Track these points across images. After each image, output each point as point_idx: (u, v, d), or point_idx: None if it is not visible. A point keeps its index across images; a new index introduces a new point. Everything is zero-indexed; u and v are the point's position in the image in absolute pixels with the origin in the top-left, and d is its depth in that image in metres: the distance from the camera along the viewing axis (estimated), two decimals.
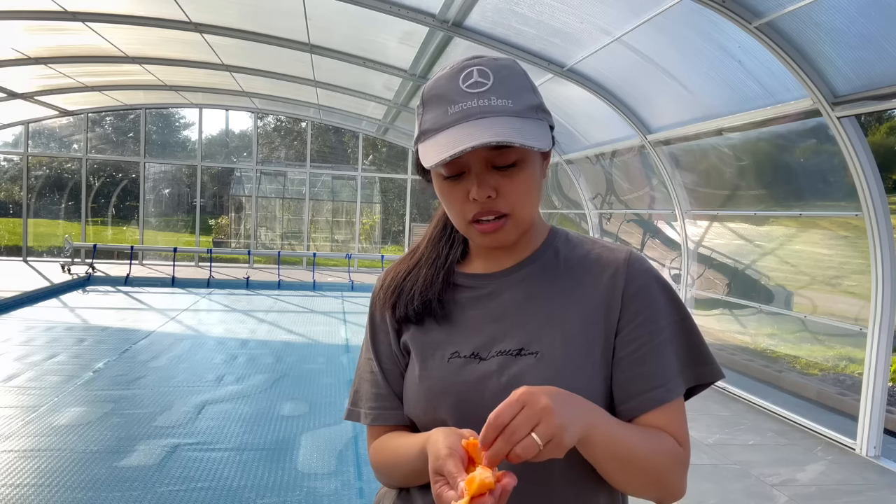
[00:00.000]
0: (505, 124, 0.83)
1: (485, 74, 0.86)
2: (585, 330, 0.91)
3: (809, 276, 5.45)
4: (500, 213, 0.88)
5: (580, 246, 0.99)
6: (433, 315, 0.97)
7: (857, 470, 4.10)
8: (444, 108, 0.86)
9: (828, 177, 4.95)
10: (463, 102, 0.85)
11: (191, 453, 4.07)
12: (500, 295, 0.96)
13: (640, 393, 0.89)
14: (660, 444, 0.86)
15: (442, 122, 0.86)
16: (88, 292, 10.80)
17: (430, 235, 1.06)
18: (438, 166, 0.84)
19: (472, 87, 0.85)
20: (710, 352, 0.94)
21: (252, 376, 5.97)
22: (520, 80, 0.89)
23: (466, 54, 0.99)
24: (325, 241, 16.24)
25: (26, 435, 4.26)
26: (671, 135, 6.27)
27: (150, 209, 15.00)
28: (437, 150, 0.84)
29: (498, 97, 0.85)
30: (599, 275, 0.94)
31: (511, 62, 0.90)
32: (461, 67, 0.88)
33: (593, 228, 9.15)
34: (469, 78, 0.86)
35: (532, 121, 0.87)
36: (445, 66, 0.91)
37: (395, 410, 1.00)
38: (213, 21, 7.80)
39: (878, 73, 3.89)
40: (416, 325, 0.99)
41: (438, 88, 0.88)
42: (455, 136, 0.83)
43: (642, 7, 4.72)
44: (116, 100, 13.12)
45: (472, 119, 0.84)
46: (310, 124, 15.13)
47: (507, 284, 0.96)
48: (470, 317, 0.96)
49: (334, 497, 3.63)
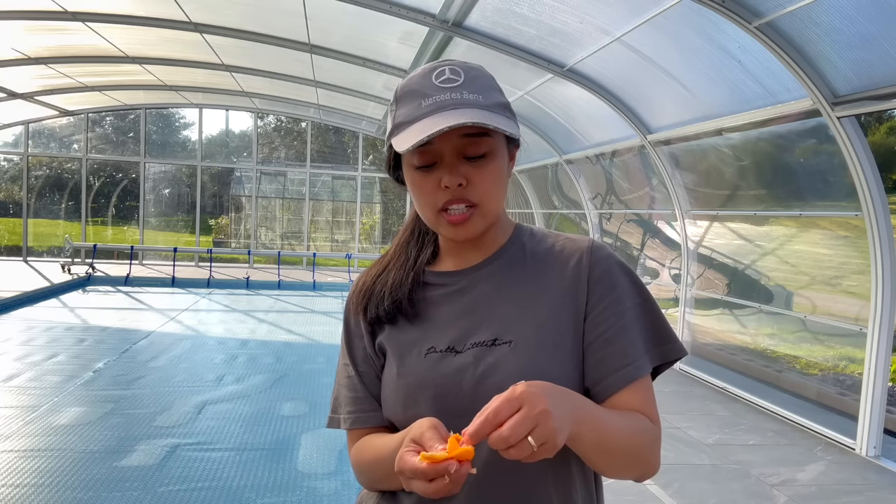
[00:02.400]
0: (477, 113, 0.87)
1: (456, 73, 0.91)
2: (556, 317, 0.94)
3: (809, 276, 5.45)
4: (470, 201, 0.91)
5: (545, 240, 1.03)
6: (405, 314, 1.00)
7: (857, 470, 4.10)
8: (418, 102, 0.90)
9: (828, 177, 4.95)
10: (436, 96, 0.89)
11: (191, 453, 4.07)
12: (472, 290, 0.99)
13: (611, 372, 0.92)
14: (638, 426, 0.90)
15: (416, 114, 0.89)
16: (88, 292, 10.81)
17: (399, 241, 1.10)
18: (414, 149, 0.87)
19: (444, 82, 0.90)
20: (672, 330, 0.99)
21: (252, 376, 5.97)
22: (489, 81, 0.94)
23: (466, 55, 1.03)
24: (325, 241, 16.24)
25: (26, 435, 4.26)
26: (671, 135, 6.27)
27: (150, 209, 15.01)
28: (412, 136, 0.87)
29: (469, 92, 0.90)
30: (565, 263, 0.98)
31: (480, 66, 0.96)
32: (433, 66, 0.93)
33: (593, 228, 9.15)
34: (442, 75, 0.91)
35: (501, 116, 0.91)
36: (417, 69, 0.96)
37: (373, 413, 1.02)
38: (213, 21, 7.80)
39: (878, 73, 3.89)
40: (390, 325, 1.01)
41: (412, 85, 0.93)
42: (429, 124, 0.86)
43: (642, 7, 4.72)
44: (116, 100, 13.12)
45: (446, 109, 0.88)
46: (310, 124, 15.13)
47: (478, 279, 1.00)
48: (443, 312, 0.99)
49: (334, 497, 3.63)
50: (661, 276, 7.85)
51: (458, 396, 0.92)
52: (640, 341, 0.94)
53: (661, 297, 7.81)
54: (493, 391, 0.88)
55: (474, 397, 0.90)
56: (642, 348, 0.94)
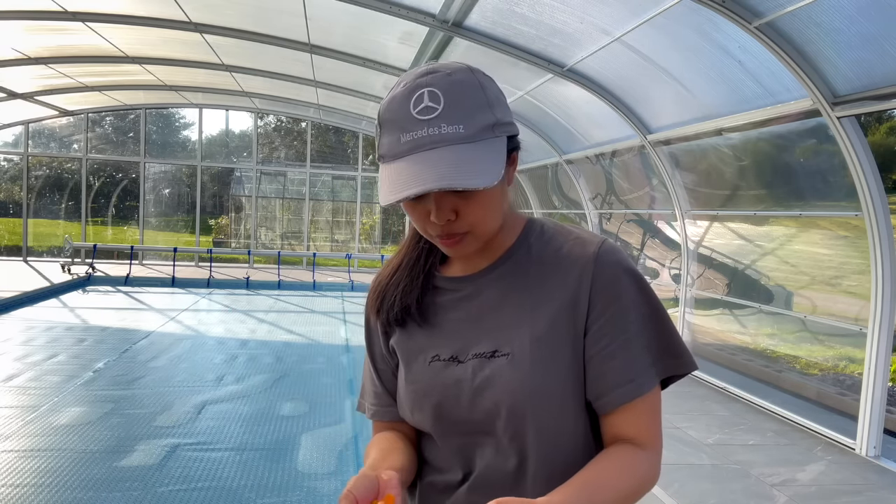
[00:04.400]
0: (453, 159, 0.82)
1: (436, 98, 0.83)
2: (555, 329, 0.92)
3: (809, 276, 5.45)
4: (461, 233, 0.90)
5: (554, 239, 0.98)
6: (414, 319, 1.00)
7: (857, 470, 4.10)
8: (397, 136, 0.85)
9: (828, 177, 4.95)
10: (414, 131, 0.83)
11: (191, 453, 4.07)
12: (478, 296, 0.98)
13: (611, 388, 0.90)
14: (632, 475, 0.87)
15: (396, 150, 0.85)
16: (88, 292, 10.80)
17: (411, 233, 1.08)
18: (389, 206, 0.86)
19: (422, 112, 0.83)
20: (682, 342, 0.95)
21: (252, 376, 5.97)
22: (474, 96, 0.85)
23: (466, 55, 1.00)
24: (325, 241, 16.24)
25: (26, 435, 4.26)
26: (671, 135, 6.27)
27: (150, 209, 15.00)
28: (389, 186, 0.85)
29: (449, 123, 0.83)
30: (569, 271, 0.94)
31: (465, 75, 0.87)
32: (413, 87, 0.85)
33: (593, 229, 9.15)
34: (420, 102, 0.83)
35: (486, 143, 0.84)
36: (399, 83, 0.88)
37: (391, 408, 1.04)
38: (213, 21, 7.80)
39: (878, 73, 3.89)
40: (400, 328, 1.02)
41: (392, 112, 0.86)
42: (405, 173, 0.83)
43: (642, 7, 4.72)
44: (116, 100, 13.12)
45: (422, 150, 0.83)
46: (310, 124, 15.13)
47: (484, 285, 0.98)
48: (450, 319, 0.99)
49: (334, 497, 3.63)
50: (661, 276, 7.85)
51: (457, 407, 0.93)
52: (644, 356, 0.91)
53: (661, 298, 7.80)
54: (488, 404, 0.90)
55: (471, 409, 0.91)
56: (646, 362, 0.91)
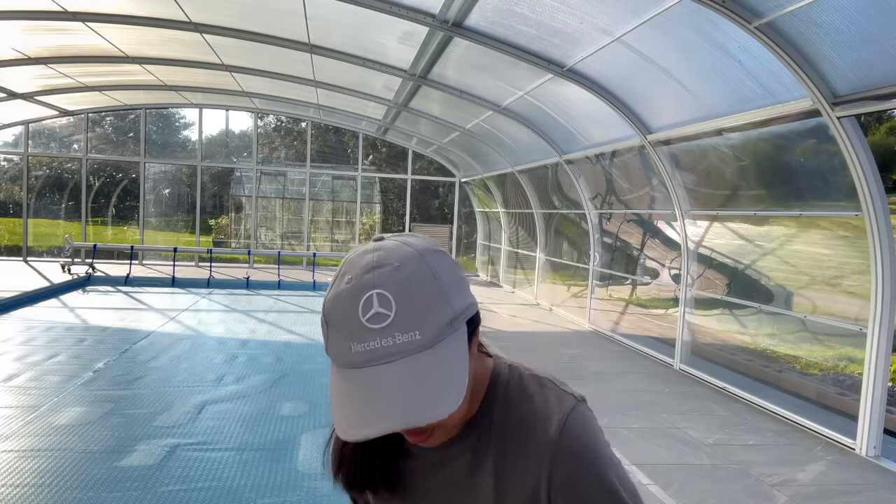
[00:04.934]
0: (412, 379, 0.76)
1: (386, 303, 0.75)
2: None
3: (809, 276, 5.45)
4: (429, 429, 0.86)
5: (518, 405, 0.92)
6: (384, 486, 0.98)
7: (857, 470, 4.10)
8: (348, 345, 0.77)
9: (828, 177, 4.96)
10: (366, 342, 0.76)
11: (191, 453, 4.07)
12: (444, 469, 0.95)
13: None
14: None
15: (347, 359, 0.77)
16: (88, 292, 10.80)
17: None
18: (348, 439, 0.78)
19: (373, 320, 0.75)
20: None
21: (252, 376, 5.97)
22: (427, 293, 0.77)
23: (466, 55, 0.97)
24: (325, 241, 16.24)
25: (26, 435, 4.26)
26: (671, 135, 6.27)
27: (150, 209, 15.01)
28: (346, 416, 0.77)
29: (403, 331, 0.75)
30: (529, 459, 0.89)
31: (415, 265, 0.78)
32: (360, 287, 0.77)
33: (593, 228, 9.15)
34: (369, 307, 0.76)
35: (445, 343, 0.78)
36: (343, 273, 0.80)
37: None
38: (213, 21, 7.80)
39: (878, 73, 3.89)
40: (372, 493, 1.00)
41: (339, 315, 0.78)
42: (360, 399, 0.77)
43: (642, 7, 4.72)
44: (116, 100, 13.12)
45: (377, 364, 0.76)
46: (310, 124, 15.13)
47: (449, 458, 0.94)
48: (420, 488, 0.97)
49: (334, 497, 3.62)
50: (661, 276, 7.85)
51: None
52: None
53: (662, 297, 7.81)
54: None
55: None
56: None
